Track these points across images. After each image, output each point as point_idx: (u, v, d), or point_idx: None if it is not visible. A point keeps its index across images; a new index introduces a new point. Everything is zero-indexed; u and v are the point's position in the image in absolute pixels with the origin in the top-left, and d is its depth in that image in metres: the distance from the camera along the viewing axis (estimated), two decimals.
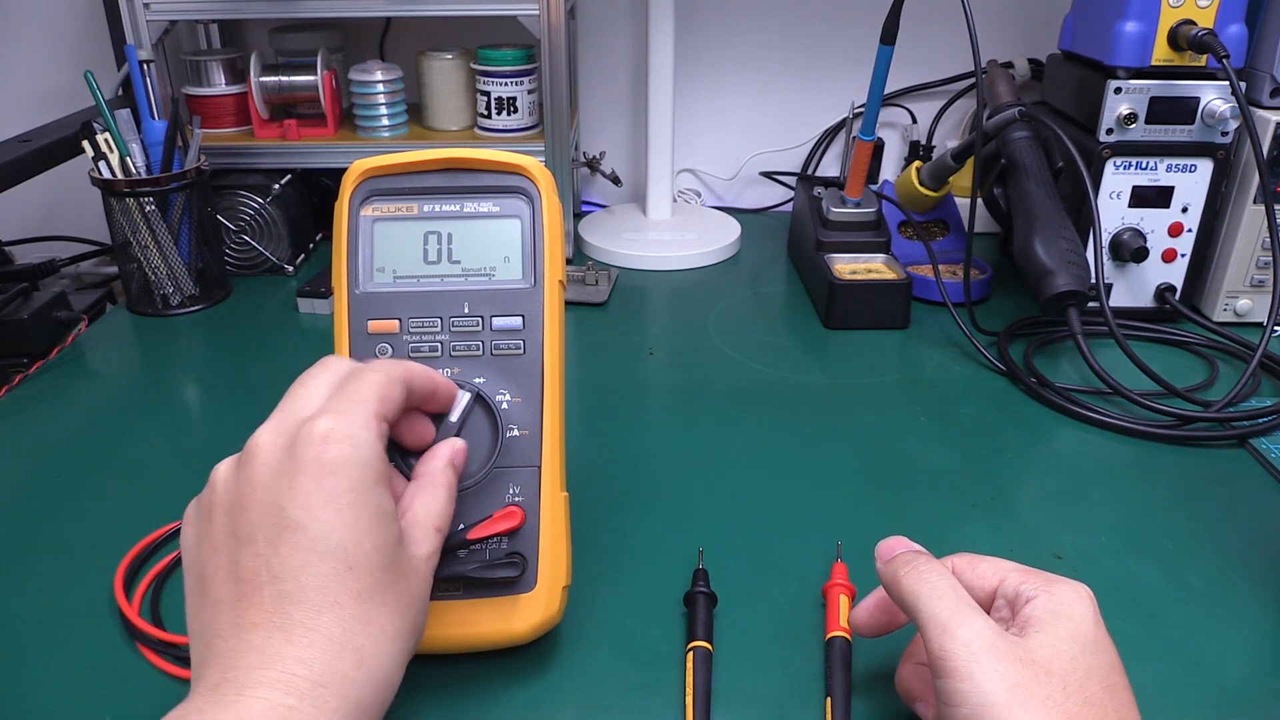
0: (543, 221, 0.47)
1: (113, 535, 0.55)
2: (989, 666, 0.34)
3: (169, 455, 0.64)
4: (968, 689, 0.34)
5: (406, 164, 0.47)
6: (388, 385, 0.38)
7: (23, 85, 1.10)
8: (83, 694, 0.44)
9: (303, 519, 0.34)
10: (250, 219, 0.93)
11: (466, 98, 0.99)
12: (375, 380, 0.38)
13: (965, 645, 0.35)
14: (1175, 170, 0.79)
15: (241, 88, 0.97)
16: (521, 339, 0.46)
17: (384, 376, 0.38)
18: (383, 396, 0.38)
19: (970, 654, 0.35)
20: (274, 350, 0.79)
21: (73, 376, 0.75)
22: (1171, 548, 0.55)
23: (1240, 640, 0.48)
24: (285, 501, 0.34)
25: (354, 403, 0.37)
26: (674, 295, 0.92)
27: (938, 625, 0.36)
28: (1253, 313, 0.83)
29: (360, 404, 0.37)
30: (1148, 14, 0.75)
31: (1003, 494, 0.60)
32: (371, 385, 0.38)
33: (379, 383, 0.38)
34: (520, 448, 0.45)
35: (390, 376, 0.39)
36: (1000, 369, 0.75)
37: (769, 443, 0.65)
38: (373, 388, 0.38)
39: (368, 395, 0.37)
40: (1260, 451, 0.64)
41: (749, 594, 0.51)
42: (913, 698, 0.42)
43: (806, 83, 1.12)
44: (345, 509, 0.35)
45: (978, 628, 0.36)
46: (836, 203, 0.90)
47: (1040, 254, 0.73)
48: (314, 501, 0.34)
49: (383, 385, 0.38)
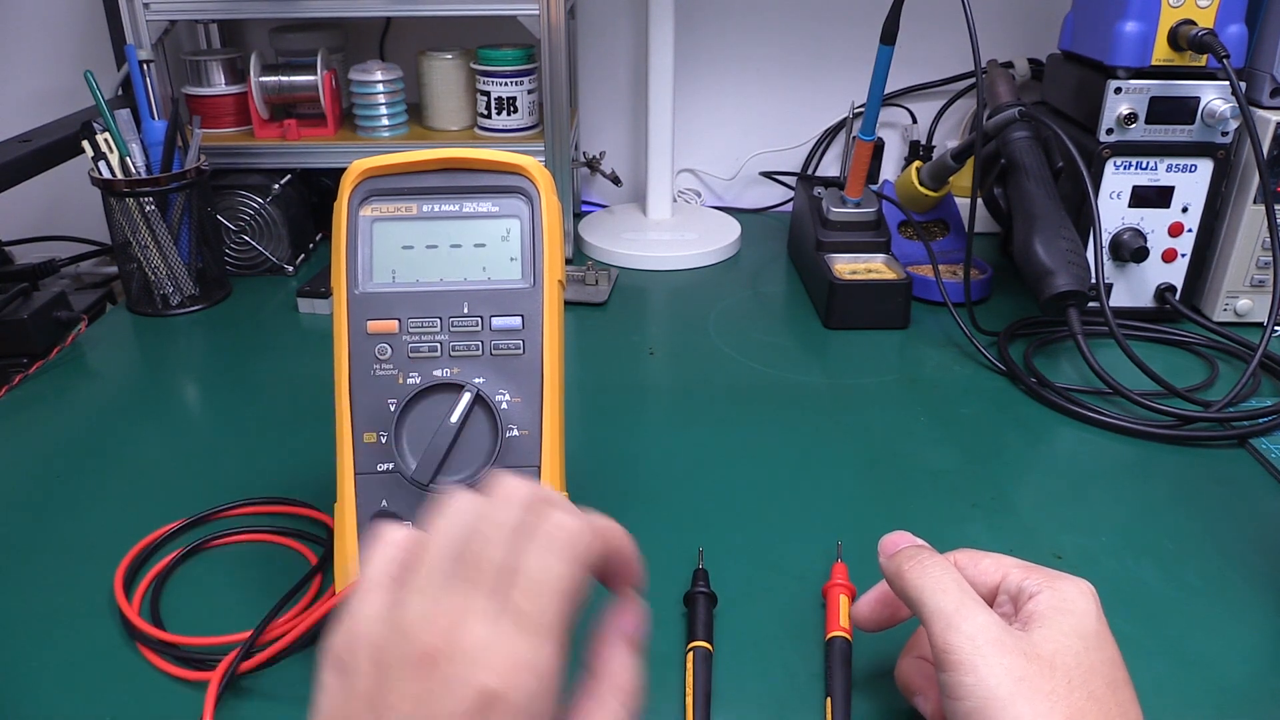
0: (542, 221, 0.47)
1: (113, 535, 0.55)
2: (994, 660, 0.34)
3: (169, 455, 0.64)
4: (972, 682, 0.34)
5: (406, 164, 0.47)
6: (586, 554, 0.30)
7: (23, 85, 1.10)
8: (83, 694, 0.44)
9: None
10: (250, 219, 0.93)
11: (466, 98, 0.99)
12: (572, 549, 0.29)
13: (970, 639, 0.35)
14: (1175, 170, 0.79)
15: (241, 88, 0.97)
16: (521, 339, 0.46)
17: (593, 537, 0.30)
18: (576, 587, 0.29)
19: (975, 647, 0.35)
20: (274, 350, 0.79)
21: (73, 376, 0.75)
22: (1171, 548, 0.55)
23: (1240, 640, 0.48)
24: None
25: (538, 601, 0.28)
26: (674, 295, 0.92)
27: (942, 619, 0.36)
28: (1253, 313, 0.83)
29: (546, 607, 0.28)
30: (1148, 14, 0.74)
31: (1003, 494, 0.60)
32: (563, 563, 0.29)
33: (578, 548, 0.29)
34: (520, 448, 0.45)
35: (601, 538, 0.31)
36: (1000, 369, 0.75)
37: (769, 443, 0.65)
38: (565, 567, 0.29)
39: (558, 580, 0.28)
40: (1260, 451, 0.64)
41: (749, 594, 0.51)
42: (912, 691, 0.42)
43: (806, 83, 1.12)
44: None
45: (982, 621, 0.36)
46: (836, 203, 0.90)
47: (1040, 254, 0.73)
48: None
49: (582, 553, 0.30)
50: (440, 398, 0.45)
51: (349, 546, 0.44)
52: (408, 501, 0.44)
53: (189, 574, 0.53)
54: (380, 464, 0.45)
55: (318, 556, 0.53)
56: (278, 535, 0.56)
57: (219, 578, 0.52)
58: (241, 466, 0.62)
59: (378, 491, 0.45)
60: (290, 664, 0.45)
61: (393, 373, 0.45)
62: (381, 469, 0.45)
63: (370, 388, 0.45)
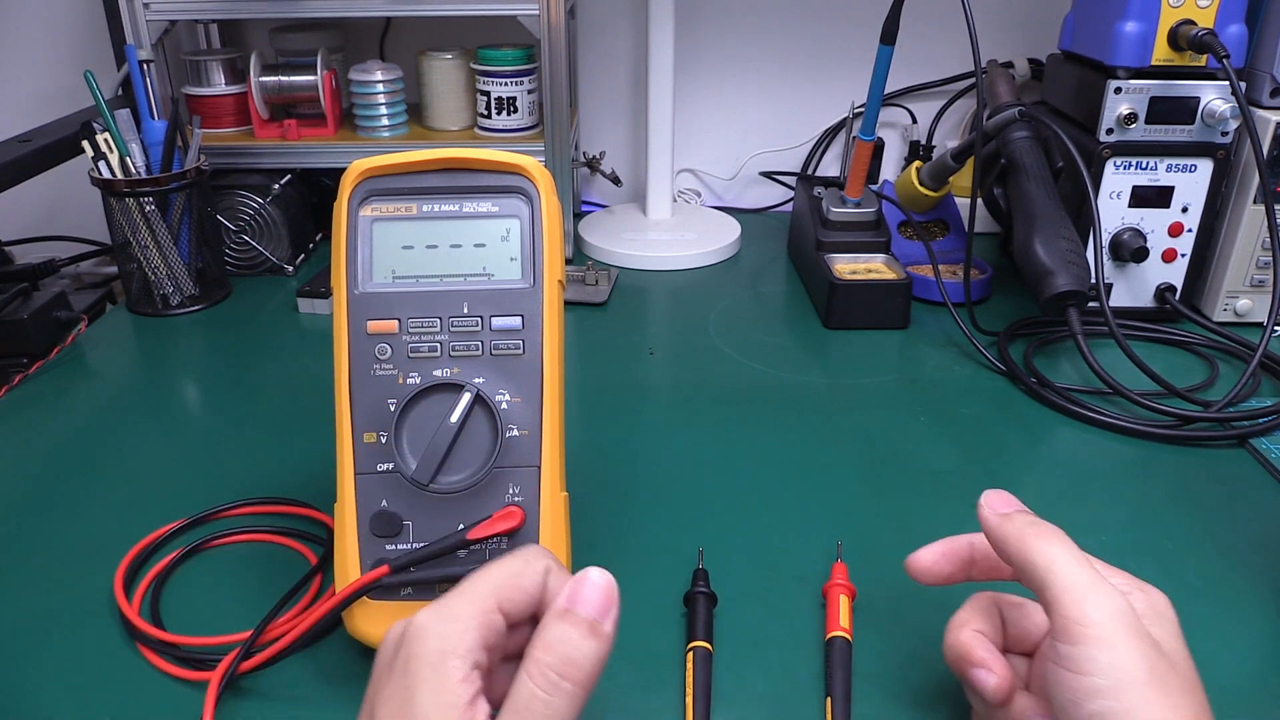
0: (542, 221, 0.47)
1: (113, 535, 0.55)
2: (1133, 643, 0.34)
3: (169, 455, 0.64)
4: (1108, 660, 0.33)
5: (406, 164, 0.47)
6: (516, 573, 0.34)
7: (23, 85, 1.10)
8: (83, 694, 0.44)
9: None
10: (250, 219, 0.93)
11: (466, 98, 0.99)
12: (499, 569, 0.34)
13: (1111, 617, 0.34)
14: (1175, 170, 0.79)
15: (241, 88, 0.97)
16: (521, 339, 0.46)
17: (519, 564, 0.35)
18: (500, 584, 0.34)
19: (1116, 626, 0.34)
20: (274, 350, 0.79)
21: (73, 376, 0.75)
22: (1171, 548, 0.55)
23: (1240, 640, 0.48)
24: (373, 695, 0.32)
25: (460, 594, 0.33)
26: (674, 295, 0.92)
27: (1078, 589, 0.35)
28: (1253, 313, 0.83)
29: (465, 595, 0.33)
30: (1148, 14, 0.74)
31: None
32: (493, 574, 0.34)
33: (500, 569, 0.34)
34: (520, 448, 0.45)
35: (525, 566, 0.35)
36: (1000, 369, 0.75)
37: (769, 442, 0.65)
38: (493, 575, 0.34)
39: (482, 584, 0.34)
40: (1260, 451, 0.64)
41: (749, 594, 0.51)
42: (970, 663, 0.39)
43: (806, 83, 1.12)
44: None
45: (1122, 603, 0.35)
46: (836, 203, 0.90)
47: (1040, 254, 0.73)
48: (391, 701, 0.31)
49: (508, 574, 0.34)
50: (440, 398, 0.45)
51: (349, 546, 0.44)
52: (408, 502, 0.44)
53: (189, 574, 0.53)
54: (380, 464, 0.45)
55: (318, 556, 0.53)
56: (278, 535, 0.56)
57: (219, 578, 0.52)
58: (241, 466, 0.62)
59: (378, 491, 0.45)
60: (290, 664, 0.45)
61: (393, 373, 0.45)
62: (381, 469, 0.45)
63: (370, 388, 0.45)
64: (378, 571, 0.43)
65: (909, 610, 0.49)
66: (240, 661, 0.44)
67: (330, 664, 0.46)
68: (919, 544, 0.42)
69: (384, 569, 0.43)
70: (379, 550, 0.44)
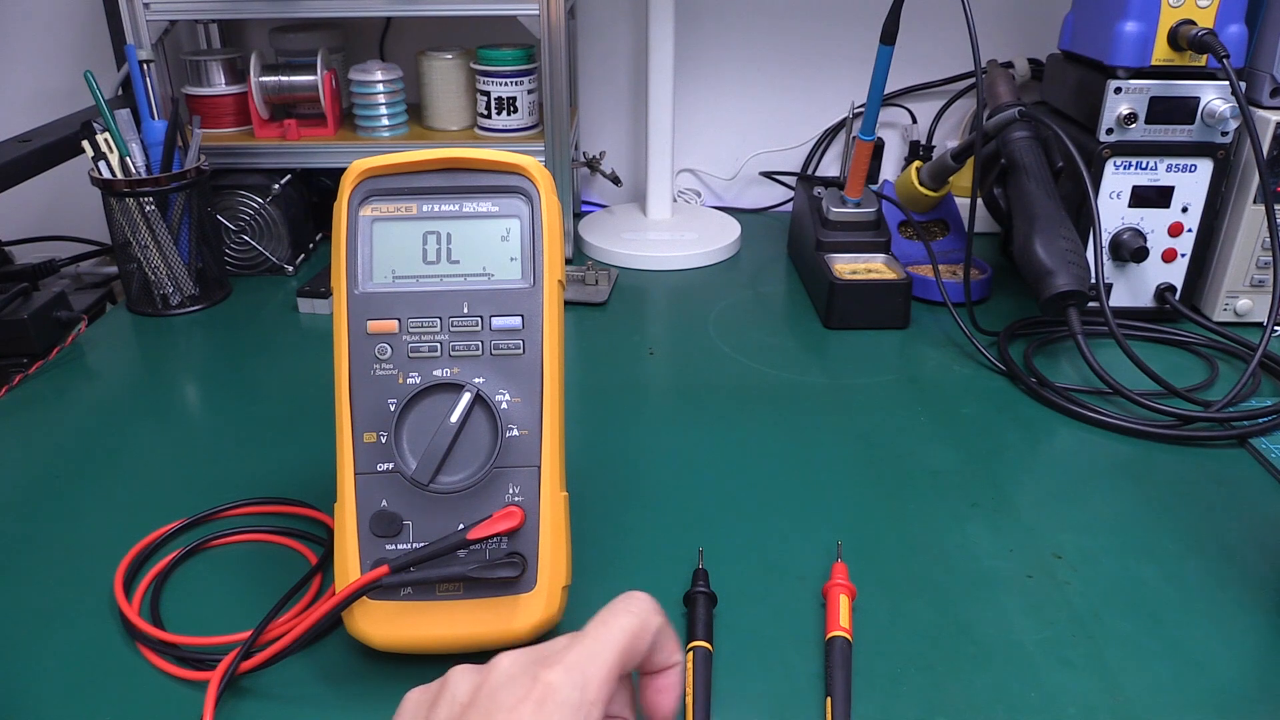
0: (542, 221, 0.47)
1: (113, 535, 0.55)
2: None
3: (169, 455, 0.64)
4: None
5: (406, 164, 0.47)
6: (637, 635, 0.34)
7: (23, 85, 1.10)
8: (83, 694, 0.44)
9: None
10: (250, 219, 0.93)
11: (466, 98, 0.99)
12: (622, 627, 0.34)
13: None
14: (1175, 170, 0.79)
15: (241, 88, 0.97)
16: (521, 339, 0.46)
17: (636, 623, 0.34)
18: (625, 649, 0.33)
19: None
20: (274, 350, 0.79)
21: (73, 376, 0.75)
22: (1171, 548, 0.55)
23: (1240, 640, 0.48)
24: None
25: (592, 655, 0.33)
26: (674, 295, 0.92)
27: None
28: (1253, 313, 0.83)
29: (596, 658, 0.33)
30: (1148, 14, 0.75)
31: (1003, 494, 0.60)
32: (615, 635, 0.33)
33: (626, 629, 0.34)
34: (520, 448, 0.45)
35: (644, 626, 0.34)
36: (1000, 369, 0.75)
37: (769, 443, 0.65)
38: (618, 635, 0.33)
39: (608, 649, 0.33)
40: (1260, 451, 0.64)
41: (749, 594, 0.51)
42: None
43: (806, 83, 1.12)
44: None
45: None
46: (836, 203, 0.90)
47: (1040, 254, 0.73)
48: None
49: (630, 634, 0.34)
50: (440, 397, 0.45)
51: (349, 546, 0.44)
52: (408, 501, 0.44)
53: (189, 574, 0.53)
54: (380, 464, 0.45)
55: (318, 556, 0.53)
56: (278, 535, 0.56)
57: (219, 578, 0.52)
58: (241, 466, 0.62)
59: (378, 491, 0.45)
60: (290, 664, 0.45)
61: (393, 373, 0.45)
62: (381, 469, 0.45)
63: (370, 388, 0.45)
64: (378, 571, 0.43)
65: (909, 610, 0.49)
66: (240, 661, 0.44)
67: (330, 664, 0.46)
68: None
69: (384, 569, 0.43)
70: (379, 550, 0.44)
